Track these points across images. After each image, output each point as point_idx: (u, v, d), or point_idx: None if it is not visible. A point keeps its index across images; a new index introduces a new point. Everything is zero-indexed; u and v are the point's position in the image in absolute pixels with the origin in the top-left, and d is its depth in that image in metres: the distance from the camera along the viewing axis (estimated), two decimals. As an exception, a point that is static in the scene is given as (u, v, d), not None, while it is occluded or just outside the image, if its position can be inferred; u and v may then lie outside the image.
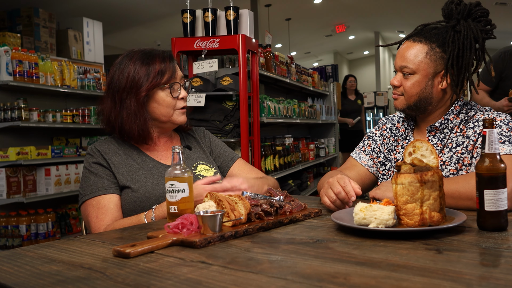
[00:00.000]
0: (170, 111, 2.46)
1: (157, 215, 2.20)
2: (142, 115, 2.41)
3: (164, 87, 2.43)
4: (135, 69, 2.40)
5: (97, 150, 2.44)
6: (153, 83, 2.40)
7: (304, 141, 8.13)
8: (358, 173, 2.64)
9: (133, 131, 2.42)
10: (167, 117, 2.46)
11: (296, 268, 1.35)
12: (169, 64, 2.45)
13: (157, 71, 2.40)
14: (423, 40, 2.38)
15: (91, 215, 2.32)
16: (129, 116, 2.40)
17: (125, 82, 2.40)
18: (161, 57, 2.45)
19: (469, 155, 2.33)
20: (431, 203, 1.69)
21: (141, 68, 2.40)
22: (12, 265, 1.50)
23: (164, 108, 2.45)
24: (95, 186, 2.35)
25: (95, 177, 2.37)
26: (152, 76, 2.40)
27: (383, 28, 21.31)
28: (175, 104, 2.46)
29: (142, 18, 14.22)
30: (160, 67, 2.42)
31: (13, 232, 5.77)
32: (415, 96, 2.39)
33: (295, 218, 2.00)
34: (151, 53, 2.46)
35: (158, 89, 2.42)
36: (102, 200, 2.32)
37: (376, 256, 1.43)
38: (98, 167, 2.40)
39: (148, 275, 1.34)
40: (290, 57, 7.45)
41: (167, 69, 2.43)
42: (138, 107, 2.40)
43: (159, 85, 2.41)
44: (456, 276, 1.22)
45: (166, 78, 2.43)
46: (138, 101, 2.40)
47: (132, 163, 2.44)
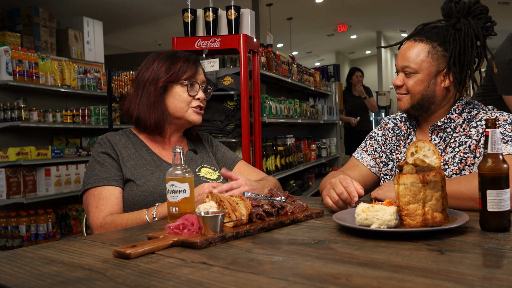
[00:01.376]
0: (184, 107, 2.53)
1: (159, 212, 2.21)
2: (159, 105, 2.50)
3: (183, 83, 2.52)
4: (159, 64, 2.53)
5: (107, 140, 2.49)
6: (173, 77, 2.50)
7: (305, 141, 8.13)
8: (360, 173, 2.64)
9: (150, 120, 2.50)
10: (181, 112, 2.53)
11: (298, 269, 1.34)
12: (192, 65, 2.56)
13: (179, 68, 2.52)
14: (424, 40, 2.38)
15: (91, 205, 2.35)
16: (148, 105, 2.50)
17: (148, 75, 2.52)
18: (186, 57, 2.57)
19: (472, 154, 2.33)
20: (433, 203, 1.68)
21: (165, 64, 2.53)
22: (12, 266, 1.49)
23: (179, 103, 2.52)
24: (99, 176, 2.38)
25: (101, 167, 2.41)
26: (173, 71, 2.51)
27: (385, 28, 21.31)
28: (191, 101, 2.54)
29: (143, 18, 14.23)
30: (182, 64, 2.53)
31: (13, 232, 5.77)
32: (419, 94, 2.39)
33: (297, 218, 2.00)
34: (177, 53, 2.59)
35: (176, 84, 2.52)
36: (103, 191, 2.35)
37: (378, 257, 1.42)
38: (106, 157, 2.43)
39: (148, 276, 1.33)
40: (292, 57, 7.44)
41: (189, 68, 2.54)
42: (156, 97, 2.50)
43: (178, 80, 2.51)
44: (458, 277, 1.22)
45: (187, 76, 2.53)
46: (156, 91, 2.49)
47: (140, 158, 2.48)
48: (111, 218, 2.27)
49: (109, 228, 2.25)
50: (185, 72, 2.52)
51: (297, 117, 7.07)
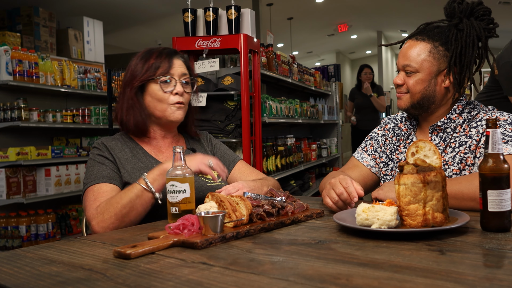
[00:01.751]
0: (163, 105, 2.47)
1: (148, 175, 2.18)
2: (137, 107, 2.47)
3: (156, 80, 2.46)
4: (135, 64, 2.50)
5: (104, 145, 2.47)
6: (146, 75, 2.45)
7: (306, 141, 8.13)
8: (360, 174, 2.64)
9: (130, 122, 2.48)
10: (160, 111, 2.48)
11: (298, 269, 1.34)
12: (165, 59, 2.48)
13: (151, 64, 2.46)
14: (426, 39, 2.38)
15: (90, 199, 2.28)
16: (127, 108, 2.48)
17: (128, 77, 2.50)
18: (159, 52, 2.50)
19: (472, 155, 2.33)
20: (434, 203, 1.68)
21: (140, 62, 2.49)
22: (12, 266, 1.49)
23: (157, 102, 2.47)
24: (99, 175, 2.35)
25: (100, 167, 2.38)
26: (146, 69, 2.46)
27: (385, 28, 21.29)
28: (168, 98, 2.46)
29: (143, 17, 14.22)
30: (155, 61, 2.47)
31: (13, 233, 5.76)
32: (419, 93, 2.38)
33: (297, 219, 1.99)
34: (152, 50, 2.53)
35: (151, 82, 2.47)
36: (103, 187, 2.31)
37: (379, 257, 1.42)
38: (104, 159, 2.42)
39: (149, 276, 1.33)
40: (292, 57, 7.44)
41: (162, 63, 2.47)
42: (133, 98, 2.47)
43: (151, 78, 2.46)
44: (459, 277, 1.22)
45: (160, 71, 2.46)
46: (131, 92, 2.47)
47: (137, 161, 2.45)
48: (105, 202, 2.20)
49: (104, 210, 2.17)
50: (158, 68, 2.46)
51: (297, 117, 7.07)
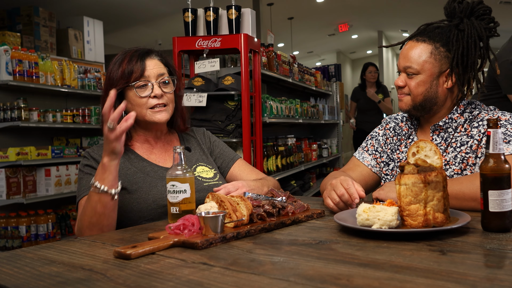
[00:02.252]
0: (142, 110, 2.41)
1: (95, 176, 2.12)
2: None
3: (131, 87, 2.40)
4: (111, 70, 2.43)
5: (93, 154, 2.42)
6: (121, 83, 2.39)
7: (306, 141, 8.13)
8: (361, 174, 2.63)
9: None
10: (141, 117, 2.42)
11: (299, 269, 1.34)
12: (137, 63, 2.41)
13: (124, 71, 2.39)
14: (426, 40, 2.37)
15: (79, 213, 2.28)
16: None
17: (106, 81, 2.44)
18: (130, 56, 2.43)
19: (474, 154, 2.32)
20: (435, 204, 1.68)
21: (114, 68, 2.42)
22: (12, 267, 1.49)
23: (136, 108, 2.41)
24: (87, 186, 2.32)
25: (88, 178, 2.36)
26: (120, 75, 2.39)
27: (386, 27, 21.28)
28: (146, 102, 2.41)
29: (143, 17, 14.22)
30: (127, 66, 2.40)
31: (13, 233, 5.76)
32: (421, 95, 2.38)
33: (298, 219, 1.99)
34: (125, 53, 2.46)
35: (127, 89, 2.41)
36: None
37: (380, 258, 1.42)
38: (92, 170, 2.38)
39: (149, 277, 1.33)
40: (293, 57, 7.44)
41: (134, 68, 2.40)
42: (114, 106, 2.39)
43: (126, 85, 2.39)
44: (460, 277, 1.22)
45: (134, 77, 2.39)
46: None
47: (130, 166, 2.43)
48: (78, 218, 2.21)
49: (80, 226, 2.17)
50: (131, 73, 2.38)
51: (298, 117, 7.07)
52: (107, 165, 2.07)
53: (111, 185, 2.10)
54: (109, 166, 2.08)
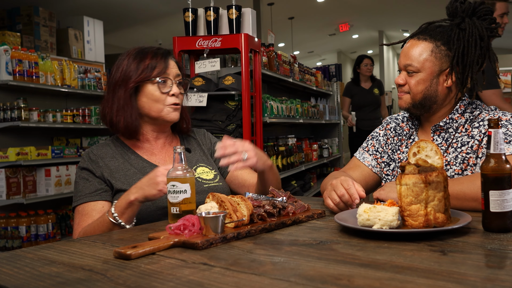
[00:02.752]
0: (159, 106, 2.43)
1: (117, 206, 2.14)
2: (129, 108, 2.41)
3: (153, 81, 2.42)
4: (128, 63, 2.43)
5: (92, 154, 2.43)
6: (142, 76, 2.40)
7: (307, 141, 8.13)
8: (361, 174, 2.63)
9: (120, 123, 2.42)
10: (157, 112, 2.44)
11: (299, 270, 1.34)
12: (161, 60, 2.44)
13: (147, 65, 2.41)
14: (427, 38, 2.37)
15: (75, 222, 2.33)
16: (118, 109, 2.42)
17: (118, 76, 2.43)
18: (153, 52, 2.46)
19: (474, 155, 2.32)
20: (435, 204, 1.67)
21: (133, 62, 2.42)
22: (12, 267, 1.49)
23: (153, 103, 2.43)
24: (82, 193, 2.35)
25: (84, 183, 2.37)
26: (142, 69, 2.40)
27: (387, 27, 21.29)
28: (165, 99, 2.43)
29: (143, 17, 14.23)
30: (150, 61, 2.42)
31: (12, 233, 5.76)
32: (421, 94, 2.38)
33: (298, 219, 1.99)
34: (144, 49, 2.48)
35: (147, 82, 2.42)
36: (86, 207, 2.32)
37: (380, 258, 1.42)
38: (87, 173, 2.39)
39: (149, 277, 1.33)
40: (293, 57, 7.44)
41: (158, 63, 2.42)
42: (126, 99, 2.41)
43: (148, 78, 2.41)
44: (461, 278, 1.21)
45: (156, 72, 2.41)
46: (126, 93, 2.40)
47: (130, 167, 2.43)
48: (83, 230, 2.24)
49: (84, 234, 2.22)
50: (154, 68, 2.41)
51: (298, 117, 7.07)
52: (134, 204, 2.12)
53: (128, 221, 2.15)
54: (134, 205, 2.13)
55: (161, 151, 2.55)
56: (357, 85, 8.92)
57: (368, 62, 8.88)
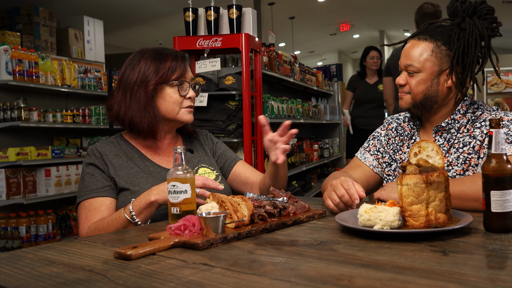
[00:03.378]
0: (176, 108, 2.46)
1: (135, 205, 2.17)
2: (151, 108, 2.43)
3: (172, 84, 2.44)
4: (146, 65, 2.44)
5: (97, 151, 2.45)
6: (163, 78, 2.42)
7: (308, 141, 8.11)
8: (362, 174, 2.63)
9: (143, 124, 2.43)
10: (173, 114, 2.47)
11: (300, 270, 1.34)
12: (181, 63, 2.47)
13: (168, 68, 2.43)
14: (428, 38, 2.37)
15: (82, 216, 2.33)
16: (139, 109, 2.42)
17: (136, 77, 2.43)
18: (174, 55, 2.48)
19: (476, 155, 2.32)
20: (437, 204, 1.67)
21: (152, 64, 2.44)
22: (12, 267, 1.49)
23: (170, 105, 2.45)
24: (89, 188, 2.35)
25: (90, 179, 2.38)
26: (162, 72, 2.42)
27: (388, 27, 21.24)
28: (182, 102, 2.47)
29: (144, 17, 14.21)
30: (171, 64, 2.44)
31: (12, 233, 5.75)
32: (421, 94, 2.37)
33: (299, 219, 1.99)
34: (163, 51, 2.49)
35: (166, 85, 2.44)
36: (94, 202, 2.32)
37: (381, 258, 1.42)
38: (94, 168, 2.40)
39: (149, 277, 1.33)
40: (294, 56, 7.43)
41: (178, 67, 2.45)
42: (147, 100, 2.42)
43: (168, 81, 2.43)
44: (462, 278, 1.21)
45: (176, 75, 2.45)
46: (146, 94, 2.42)
47: (133, 166, 2.43)
48: (94, 225, 2.25)
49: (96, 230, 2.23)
50: (175, 71, 2.44)
51: (299, 117, 7.06)
52: (153, 205, 2.16)
53: (144, 220, 2.19)
54: (153, 207, 2.17)
55: (165, 151, 2.56)
56: (362, 78, 8.15)
57: (374, 55, 8.03)
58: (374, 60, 7.98)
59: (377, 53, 7.98)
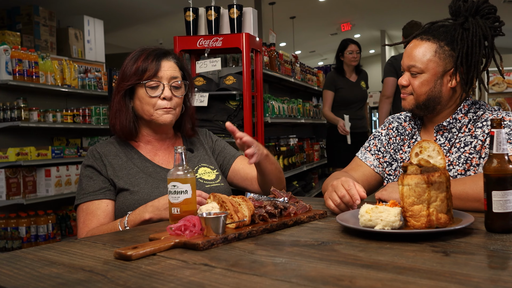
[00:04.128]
0: (150, 109, 2.43)
1: (130, 220, 2.19)
2: (123, 111, 2.44)
3: (142, 85, 2.42)
4: (126, 65, 2.45)
5: (96, 152, 2.45)
6: (133, 79, 2.41)
7: (308, 141, 8.12)
8: (363, 174, 2.62)
9: (116, 126, 2.46)
10: (148, 115, 2.45)
11: (301, 270, 1.33)
12: (152, 62, 2.42)
13: (138, 68, 2.41)
14: (431, 39, 2.36)
15: (79, 220, 2.35)
16: (116, 112, 2.46)
17: (119, 78, 2.47)
18: (147, 54, 2.44)
19: (477, 155, 2.31)
20: (438, 204, 1.67)
21: (129, 64, 2.44)
22: (12, 268, 1.48)
23: (144, 106, 2.44)
24: (86, 191, 2.36)
25: (88, 181, 2.38)
26: (133, 72, 2.41)
27: (389, 27, 21.21)
28: (155, 103, 2.43)
29: (144, 16, 14.20)
30: (141, 64, 2.41)
31: (12, 234, 5.75)
32: (424, 95, 2.37)
33: (300, 219, 1.98)
34: (143, 51, 2.47)
35: (138, 86, 2.43)
36: (90, 206, 2.34)
37: (382, 259, 1.41)
38: (92, 171, 2.40)
39: (150, 278, 1.32)
40: (295, 56, 7.43)
41: (149, 68, 2.41)
42: (120, 102, 2.44)
43: (138, 82, 2.42)
44: (463, 279, 1.21)
45: (147, 75, 2.41)
46: (119, 96, 2.44)
47: (132, 166, 2.43)
48: (91, 232, 2.26)
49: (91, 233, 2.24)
50: (145, 71, 2.40)
51: (300, 117, 7.06)
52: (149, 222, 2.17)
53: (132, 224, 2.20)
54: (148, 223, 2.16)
55: (164, 152, 2.56)
56: (342, 76, 7.04)
57: (354, 49, 6.98)
58: (353, 55, 6.96)
59: (357, 47, 7.00)
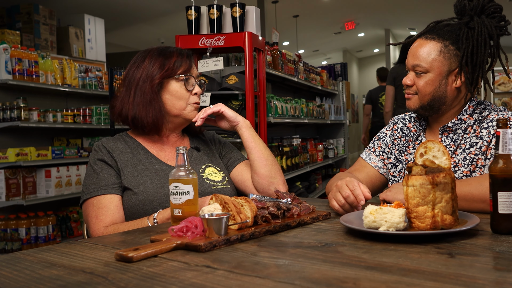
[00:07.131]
0: (182, 104, 2.47)
1: (160, 219, 2.19)
2: (156, 103, 2.43)
3: (179, 78, 2.45)
4: (151, 62, 2.45)
5: (104, 147, 2.43)
6: (168, 72, 2.43)
7: (312, 141, 8.11)
8: (368, 175, 2.61)
9: (148, 119, 2.42)
10: (179, 110, 2.47)
11: (304, 272, 1.33)
12: (186, 59, 2.49)
13: (174, 62, 2.45)
14: (436, 38, 2.35)
15: (91, 215, 2.30)
16: (144, 104, 2.42)
17: (141, 73, 2.45)
18: (179, 52, 2.50)
19: (483, 156, 2.30)
20: (443, 205, 1.66)
21: (157, 60, 2.45)
22: (12, 270, 1.48)
23: (177, 100, 2.46)
24: (97, 185, 2.33)
25: (98, 175, 2.36)
26: (168, 66, 2.44)
27: (393, 25, 21.23)
28: (188, 97, 2.47)
29: (145, 15, 14.22)
30: (176, 59, 2.46)
31: (12, 235, 5.75)
32: (429, 95, 2.36)
33: (303, 221, 1.97)
34: (168, 49, 2.51)
35: (172, 79, 2.45)
36: (102, 200, 2.30)
37: (387, 260, 1.41)
38: (103, 164, 2.38)
39: (151, 280, 1.32)
40: (298, 55, 7.42)
41: (183, 62, 2.47)
42: (152, 94, 2.42)
43: (173, 75, 2.44)
44: (469, 281, 1.20)
45: (182, 70, 2.46)
46: (152, 88, 2.42)
47: (138, 163, 2.42)
48: (113, 227, 2.24)
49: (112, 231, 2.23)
50: (180, 66, 2.45)
51: (303, 117, 7.05)
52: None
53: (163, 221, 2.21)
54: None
55: (171, 148, 2.56)
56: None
57: None
58: None
59: None
